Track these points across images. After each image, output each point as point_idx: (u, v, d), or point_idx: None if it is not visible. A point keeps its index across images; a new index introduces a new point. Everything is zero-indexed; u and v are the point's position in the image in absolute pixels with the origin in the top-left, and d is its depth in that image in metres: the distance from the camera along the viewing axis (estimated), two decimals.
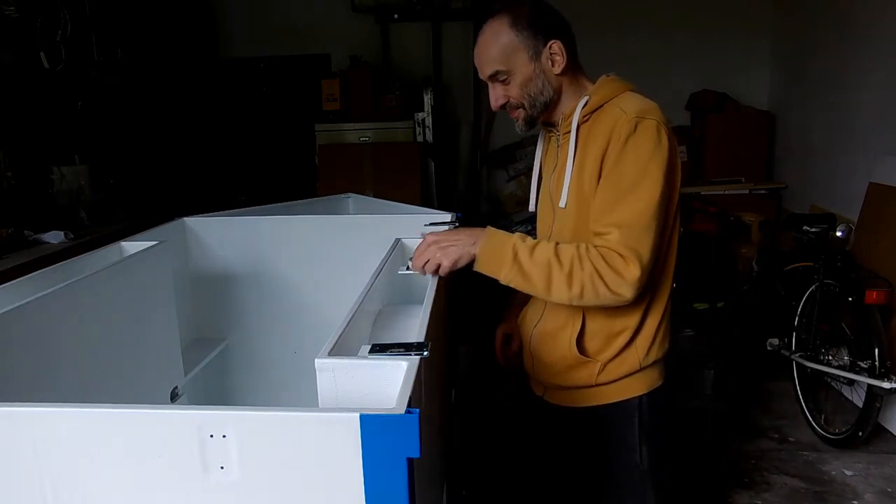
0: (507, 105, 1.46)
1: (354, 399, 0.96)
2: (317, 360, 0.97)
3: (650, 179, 1.31)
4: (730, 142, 4.86)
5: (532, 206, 1.63)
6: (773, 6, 5.12)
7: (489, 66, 1.43)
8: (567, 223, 1.46)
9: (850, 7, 3.93)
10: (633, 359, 1.47)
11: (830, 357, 2.89)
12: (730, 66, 5.23)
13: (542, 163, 1.62)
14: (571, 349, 1.47)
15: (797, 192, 4.67)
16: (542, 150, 1.62)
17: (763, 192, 4.85)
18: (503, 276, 1.34)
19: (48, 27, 3.46)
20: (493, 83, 1.45)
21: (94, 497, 0.83)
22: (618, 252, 1.29)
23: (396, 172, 4.81)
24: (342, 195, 3.20)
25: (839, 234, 3.07)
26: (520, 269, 1.32)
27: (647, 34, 4.91)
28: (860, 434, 2.73)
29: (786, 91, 4.96)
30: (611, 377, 1.48)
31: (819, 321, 2.97)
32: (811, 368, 2.97)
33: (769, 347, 3.27)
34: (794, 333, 3.13)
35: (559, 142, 1.51)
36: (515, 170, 5.45)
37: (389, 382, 0.95)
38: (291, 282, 2.45)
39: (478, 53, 1.44)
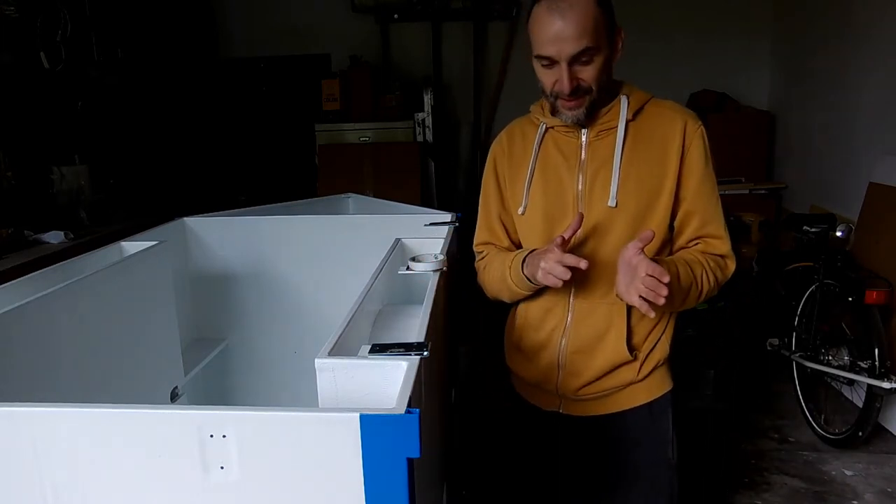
0: (575, 91, 1.35)
1: (354, 399, 0.96)
2: (317, 360, 0.97)
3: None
4: (730, 142, 4.86)
5: (522, 209, 1.51)
6: (773, 6, 5.12)
7: (581, 41, 1.29)
8: (620, 222, 1.41)
9: (850, 7, 3.93)
10: (664, 347, 1.50)
11: (830, 357, 2.89)
12: (730, 66, 5.23)
13: (536, 162, 1.50)
14: (621, 350, 1.45)
15: (797, 192, 4.67)
16: (536, 149, 1.50)
17: (763, 192, 4.85)
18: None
19: (48, 27, 3.46)
20: (571, 63, 1.32)
21: (94, 497, 0.83)
22: (726, 256, 1.45)
23: (396, 172, 4.80)
24: (342, 195, 3.20)
25: (839, 234, 3.07)
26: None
27: (647, 34, 4.91)
28: (860, 434, 2.73)
29: (786, 91, 4.96)
30: (649, 368, 1.50)
31: (819, 321, 2.97)
32: (811, 368, 2.97)
33: (769, 347, 3.27)
34: (794, 333, 3.13)
35: (584, 139, 1.44)
36: None
37: (389, 382, 0.95)
38: (291, 282, 2.45)
39: (566, 28, 1.28)
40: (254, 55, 5.51)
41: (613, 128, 1.43)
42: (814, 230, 3.09)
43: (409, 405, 0.79)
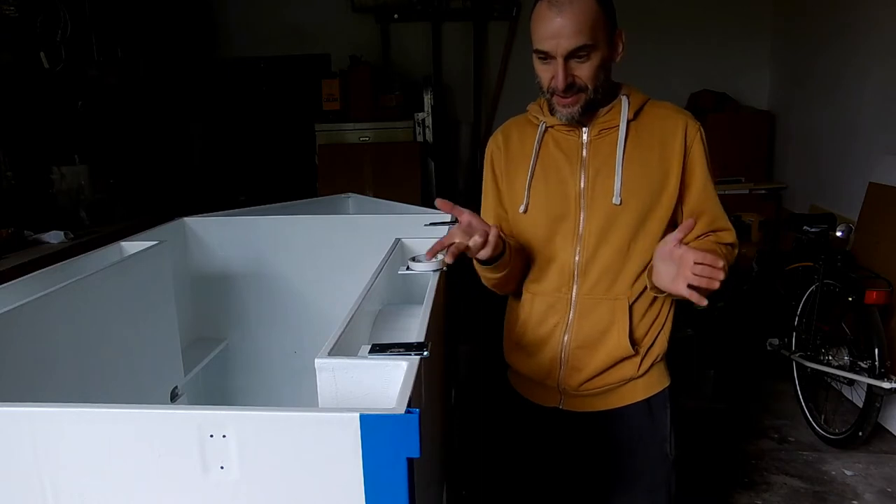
0: (569, 88, 1.36)
1: (354, 399, 0.96)
2: (317, 360, 0.97)
3: None
4: (730, 142, 4.86)
5: (524, 208, 1.51)
6: (773, 6, 5.12)
7: (578, 38, 1.31)
8: (624, 219, 1.43)
9: (850, 7, 3.93)
10: (663, 342, 1.53)
11: (830, 357, 2.89)
12: (730, 66, 5.23)
13: (537, 161, 1.51)
14: (623, 345, 1.47)
15: (797, 192, 4.67)
16: (537, 148, 1.50)
17: (763, 192, 4.85)
18: None
19: (48, 27, 3.46)
20: (568, 60, 1.34)
21: (94, 497, 0.83)
22: (734, 244, 1.51)
23: (396, 172, 4.80)
24: (342, 195, 3.20)
25: (839, 234, 3.07)
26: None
27: (648, 34, 4.91)
28: (860, 434, 2.73)
29: (786, 91, 4.96)
30: (648, 364, 1.52)
31: (819, 321, 2.97)
32: (811, 368, 2.97)
33: (769, 347, 3.27)
34: (794, 333, 3.13)
35: (585, 138, 1.46)
36: None
37: (389, 382, 0.95)
38: (291, 282, 2.45)
39: (564, 24, 1.31)
40: (254, 55, 5.51)
41: (614, 127, 1.44)
42: (814, 230, 3.10)
43: (409, 405, 0.79)
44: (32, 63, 3.40)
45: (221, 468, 0.80)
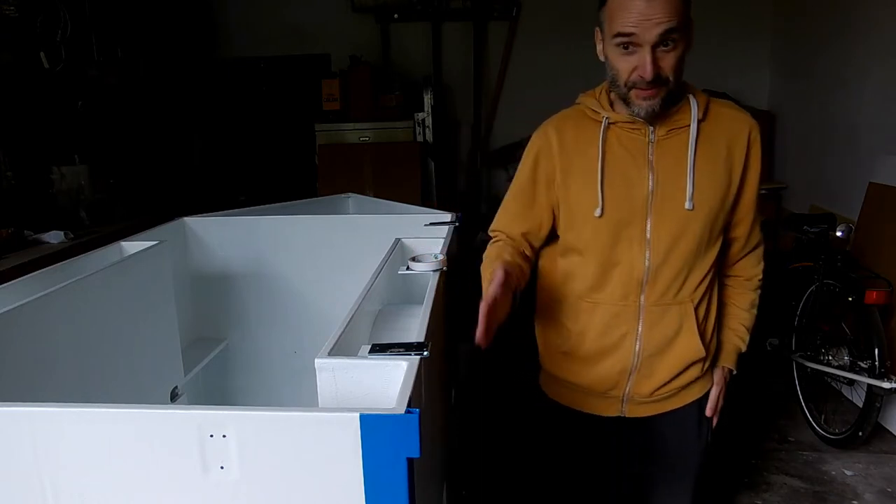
0: (656, 79, 1.27)
1: (354, 399, 0.96)
2: (317, 360, 0.97)
3: None
4: None
5: (599, 211, 1.39)
6: (774, 6, 5.11)
7: (671, 19, 1.22)
8: (695, 224, 1.38)
9: (850, 7, 3.93)
10: (714, 344, 1.56)
11: (830, 357, 2.89)
12: (730, 66, 5.22)
13: (605, 161, 1.40)
14: (695, 347, 1.47)
15: (797, 192, 4.67)
16: (602, 147, 1.39)
17: (763, 192, 4.81)
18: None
19: (48, 27, 3.46)
20: (655, 47, 1.25)
21: (94, 497, 0.83)
22: (759, 243, 1.56)
23: (396, 172, 4.80)
24: (342, 195, 3.20)
25: (839, 234, 3.06)
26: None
27: None
28: (860, 434, 2.73)
29: (786, 91, 4.96)
30: (709, 364, 1.56)
31: (819, 321, 2.97)
32: (811, 368, 2.97)
33: (769, 347, 3.27)
34: (794, 333, 3.13)
35: (652, 137, 1.37)
36: (515, 169, 5.44)
37: (389, 382, 0.95)
38: (291, 282, 2.45)
39: (654, 7, 1.22)
40: (254, 55, 5.51)
41: (684, 126, 1.37)
42: (814, 230, 3.09)
43: (409, 405, 0.79)
44: (32, 63, 3.40)
45: (221, 468, 0.80)
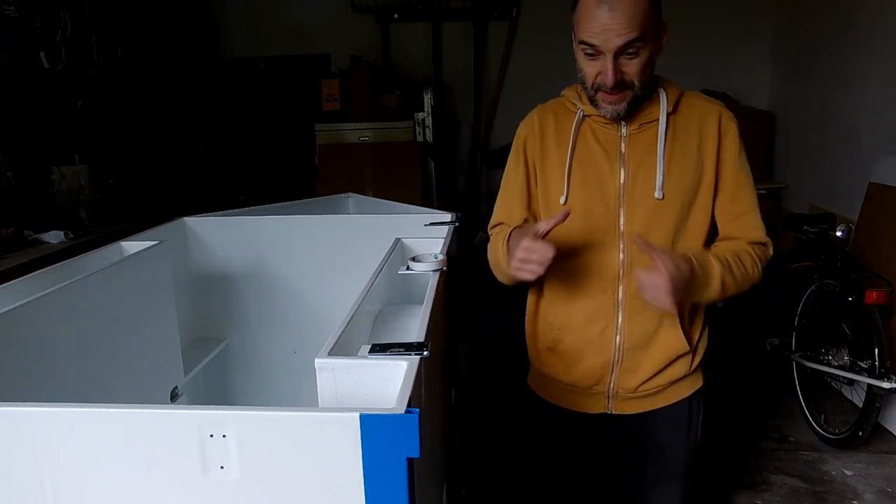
0: (618, 85, 1.31)
1: (354, 399, 0.96)
2: (317, 360, 0.97)
3: None
4: None
5: (564, 199, 1.44)
6: (775, 6, 5.11)
7: (629, 33, 1.26)
8: (666, 214, 1.41)
9: (851, 7, 3.93)
10: (705, 340, 1.55)
11: (830, 357, 2.89)
12: (730, 66, 5.23)
13: (574, 149, 1.45)
14: (679, 341, 1.47)
15: (797, 192, 4.67)
16: (574, 136, 1.44)
17: (763, 192, 4.82)
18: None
19: (48, 27, 3.46)
20: (617, 56, 1.29)
21: (94, 497, 0.83)
22: (766, 243, 1.50)
23: (396, 172, 4.80)
24: (342, 195, 3.20)
25: (839, 234, 3.07)
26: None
27: None
28: (860, 434, 2.73)
29: (786, 91, 4.96)
30: (698, 361, 1.54)
31: (819, 321, 2.97)
32: (811, 368, 2.97)
33: (769, 347, 3.27)
34: (794, 333, 3.13)
35: (624, 132, 1.42)
36: None
37: (389, 382, 0.95)
38: (291, 282, 2.45)
39: (615, 18, 1.26)
40: (254, 55, 5.51)
41: (654, 121, 1.41)
42: (814, 230, 3.09)
43: (409, 405, 0.79)
44: (32, 63, 3.40)
45: (221, 468, 0.80)
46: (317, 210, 2.90)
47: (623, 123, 1.42)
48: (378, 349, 0.99)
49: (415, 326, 1.18)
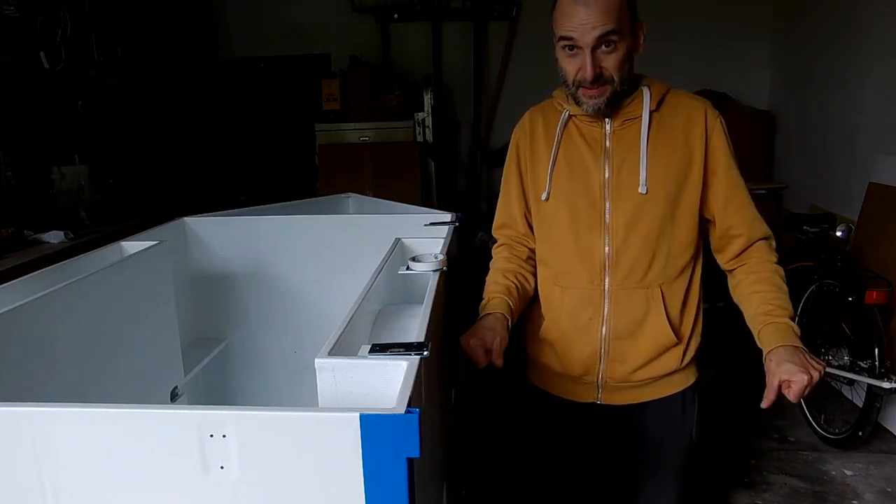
0: (597, 79, 1.35)
1: (354, 399, 0.96)
2: (317, 360, 0.97)
3: None
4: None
5: (546, 195, 1.51)
6: (774, 6, 5.11)
7: (607, 24, 1.31)
8: (651, 208, 1.44)
9: (850, 7, 3.93)
10: (698, 335, 1.56)
11: (830, 357, 2.89)
12: (730, 66, 5.23)
13: (560, 149, 1.50)
14: (666, 332, 1.49)
15: (797, 192, 4.67)
16: (559, 135, 1.50)
17: (763, 192, 4.84)
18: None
19: (48, 27, 3.46)
20: (595, 49, 1.33)
21: (94, 497, 0.83)
22: (768, 236, 1.57)
23: (396, 172, 4.80)
24: (342, 195, 3.20)
25: (839, 234, 3.07)
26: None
27: (648, 34, 4.91)
28: (860, 434, 2.73)
29: (786, 91, 4.96)
30: (690, 355, 1.55)
31: (819, 321, 2.97)
32: None
33: None
34: None
35: (608, 128, 1.46)
36: None
37: (389, 382, 0.95)
38: (291, 282, 2.45)
39: (593, 9, 1.31)
40: (254, 55, 5.51)
41: (637, 117, 1.45)
42: (814, 230, 3.09)
43: (409, 405, 0.79)
44: (32, 63, 3.40)
45: (221, 468, 0.80)
46: (317, 210, 2.90)
47: (607, 120, 1.46)
48: (378, 349, 0.99)
49: (415, 326, 1.18)
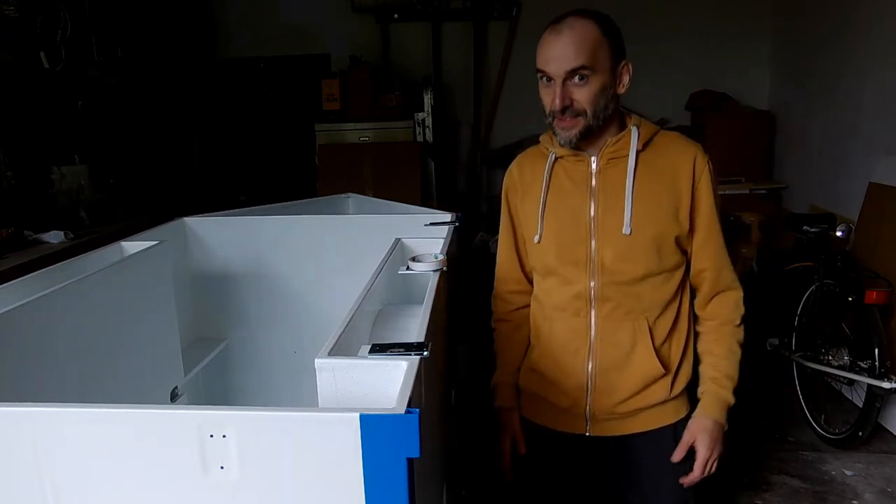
0: (568, 110, 1.39)
1: (354, 399, 0.96)
2: (317, 360, 0.97)
3: None
4: (730, 142, 4.85)
5: (538, 237, 1.54)
6: (773, 6, 5.11)
7: (578, 58, 1.35)
8: (635, 249, 1.45)
9: (850, 7, 3.93)
10: (688, 367, 1.57)
11: (830, 357, 2.89)
12: (730, 66, 5.23)
13: (548, 190, 1.54)
14: (653, 364, 1.49)
15: (797, 192, 4.67)
16: (547, 178, 1.54)
17: (763, 192, 4.84)
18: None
19: (48, 27, 3.46)
20: (566, 82, 1.37)
21: (94, 497, 0.83)
22: (736, 289, 1.63)
23: (396, 172, 4.80)
24: (342, 195, 3.20)
25: (839, 234, 3.06)
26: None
27: (648, 35, 4.90)
28: (860, 434, 2.72)
29: (786, 91, 4.96)
30: (680, 387, 1.56)
31: (819, 321, 2.96)
32: (811, 368, 2.97)
33: (769, 347, 3.26)
34: (794, 333, 3.13)
35: (594, 167, 1.48)
36: None
37: (389, 382, 0.95)
38: (291, 282, 2.45)
39: (566, 43, 1.36)
40: (254, 55, 5.51)
41: (624, 156, 1.46)
42: (814, 230, 3.09)
43: (409, 405, 0.79)
44: (32, 63, 3.40)
45: (221, 468, 0.80)
46: (317, 210, 2.90)
47: (593, 159, 1.48)
48: (378, 349, 0.99)
49: (415, 326, 1.18)
